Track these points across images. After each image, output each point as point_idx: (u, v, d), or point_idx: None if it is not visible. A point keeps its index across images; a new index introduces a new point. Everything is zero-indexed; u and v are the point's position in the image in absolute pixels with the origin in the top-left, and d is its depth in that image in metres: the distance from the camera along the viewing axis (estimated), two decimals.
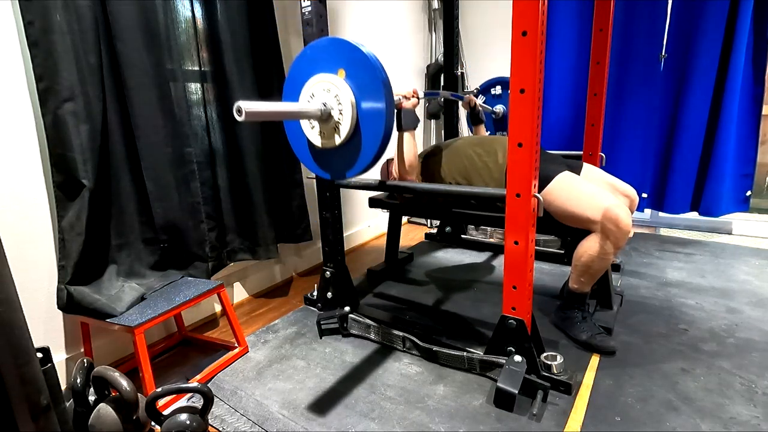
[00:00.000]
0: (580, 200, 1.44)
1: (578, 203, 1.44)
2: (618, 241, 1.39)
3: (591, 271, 1.48)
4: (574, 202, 1.45)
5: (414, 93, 1.67)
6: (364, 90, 1.19)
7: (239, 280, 2.10)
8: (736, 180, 2.48)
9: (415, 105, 1.67)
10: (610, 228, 1.38)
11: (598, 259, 1.43)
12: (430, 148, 1.91)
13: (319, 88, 1.24)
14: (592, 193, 1.46)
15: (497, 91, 2.43)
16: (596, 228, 1.41)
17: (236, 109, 1.01)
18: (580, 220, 1.44)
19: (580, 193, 1.47)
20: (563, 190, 1.48)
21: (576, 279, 1.54)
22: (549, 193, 1.48)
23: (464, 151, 1.71)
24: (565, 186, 1.49)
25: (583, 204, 1.43)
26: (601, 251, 1.41)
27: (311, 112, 1.23)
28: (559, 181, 1.49)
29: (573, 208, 1.45)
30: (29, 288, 1.38)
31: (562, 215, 1.48)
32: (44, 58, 1.29)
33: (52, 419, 0.77)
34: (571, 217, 1.46)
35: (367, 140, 1.23)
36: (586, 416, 1.22)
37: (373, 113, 1.19)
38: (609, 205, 1.39)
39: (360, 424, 1.23)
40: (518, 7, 1.09)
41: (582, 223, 1.44)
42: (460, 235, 2.74)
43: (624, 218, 1.36)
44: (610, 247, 1.40)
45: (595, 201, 1.42)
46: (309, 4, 1.56)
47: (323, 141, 1.30)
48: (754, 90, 2.34)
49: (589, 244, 1.44)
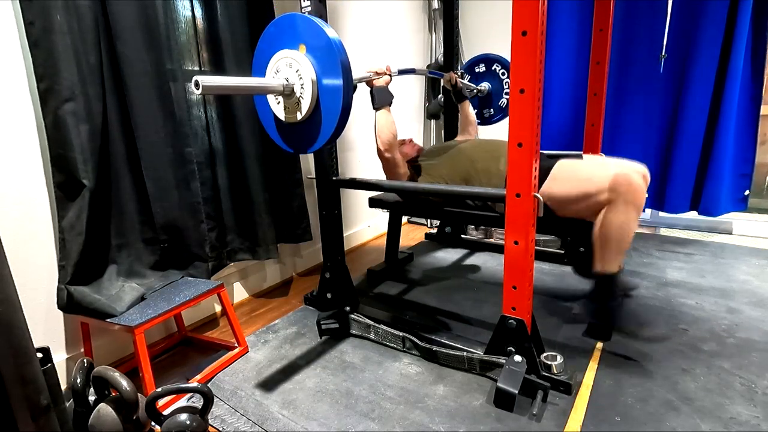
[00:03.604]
0: (584, 176, 1.39)
1: (583, 180, 1.39)
2: (636, 199, 1.32)
3: (622, 245, 1.38)
4: (579, 181, 1.39)
5: (387, 69, 1.64)
6: (323, 65, 1.21)
7: (239, 280, 2.10)
8: (734, 179, 2.48)
9: (387, 82, 1.64)
10: (624, 190, 1.31)
11: (626, 226, 1.35)
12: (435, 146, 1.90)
13: (283, 64, 1.27)
14: (595, 166, 1.40)
15: (481, 69, 2.43)
16: (610, 196, 1.34)
17: (194, 82, 1.06)
18: (589, 196, 1.37)
19: (583, 169, 1.42)
20: (564, 173, 1.43)
21: (606, 258, 1.42)
22: (551, 182, 1.43)
23: (469, 153, 1.70)
24: (566, 169, 1.44)
25: (589, 178, 1.37)
26: (625, 218, 1.33)
27: (273, 87, 1.27)
28: (558, 167, 1.45)
29: (579, 186, 1.39)
30: (29, 288, 1.38)
31: (570, 200, 1.41)
32: (45, 58, 1.29)
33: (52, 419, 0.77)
34: (580, 196, 1.39)
35: (327, 116, 1.25)
36: (586, 416, 1.22)
37: (331, 89, 1.21)
38: (616, 171, 1.33)
39: (360, 424, 1.23)
40: (518, 7, 1.09)
41: (593, 198, 1.37)
42: (460, 235, 2.74)
43: (634, 176, 1.31)
44: (632, 210, 1.33)
45: (600, 170, 1.37)
46: (309, 4, 1.56)
47: (287, 115, 1.32)
48: (753, 90, 2.34)
49: (610, 216, 1.35)
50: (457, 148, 1.76)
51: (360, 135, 2.76)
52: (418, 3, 3.21)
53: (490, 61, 2.37)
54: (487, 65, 2.39)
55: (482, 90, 2.42)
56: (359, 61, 2.61)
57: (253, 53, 1.36)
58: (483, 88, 2.41)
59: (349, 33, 2.59)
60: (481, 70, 2.42)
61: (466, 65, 2.50)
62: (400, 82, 3.08)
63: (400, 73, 1.71)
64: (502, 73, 2.34)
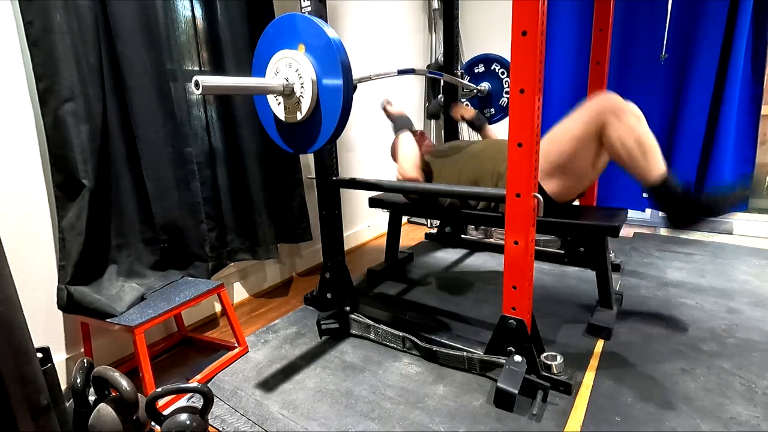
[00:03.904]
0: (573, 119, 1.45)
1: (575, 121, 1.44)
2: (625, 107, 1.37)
3: (644, 146, 1.36)
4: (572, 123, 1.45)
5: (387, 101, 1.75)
6: (323, 65, 1.21)
7: (239, 280, 2.10)
8: (734, 180, 2.48)
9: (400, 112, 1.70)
10: (609, 106, 1.38)
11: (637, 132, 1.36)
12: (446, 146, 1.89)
13: (283, 64, 1.27)
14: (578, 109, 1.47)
15: (481, 69, 2.43)
16: (602, 119, 1.38)
17: (194, 82, 1.07)
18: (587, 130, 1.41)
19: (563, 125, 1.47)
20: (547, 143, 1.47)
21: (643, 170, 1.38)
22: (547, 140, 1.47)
23: (482, 153, 1.69)
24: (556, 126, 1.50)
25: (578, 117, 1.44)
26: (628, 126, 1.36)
27: (273, 87, 1.27)
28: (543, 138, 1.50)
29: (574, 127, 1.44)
30: (29, 288, 1.38)
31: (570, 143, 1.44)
32: (44, 58, 1.29)
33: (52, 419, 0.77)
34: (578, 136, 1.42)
35: (327, 116, 1.25)
36: (586, 416, 1.22)
37: (331, 89, 1.21)
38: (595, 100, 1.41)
39: (360, 424, 1.23)
40: (518, 7, 1.09)
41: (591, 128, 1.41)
42: (460, 235, 2.74)
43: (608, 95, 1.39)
44: (628, 117, 1.36)
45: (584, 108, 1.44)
46: (309, 4, 1.56)
47: (287, 115, 1.32)
48: (753, 90, 2.34)
49: (615, 132, 1.37)
50: (467, 150, 1.76)
51: (360, 135, 2.76)
52: (418, 3, 3.21)
53: (490, 61, 2.37)
54: (487, 65, 2.39)
55: (482, 90, 2.42)
56: (359, 61, 2.61)
57: (253, 53, 1.37)
58: (483, 88, 2.42)
59: (349, 33, 2.59)
60: (480, 70, 2.42)
61: (466, 65, 2.50)
62: (400, 82, 3.08)
63: (400, 73, 1.72)
64: (502, 73, 2.35)
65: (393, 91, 3.00)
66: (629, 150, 1.37)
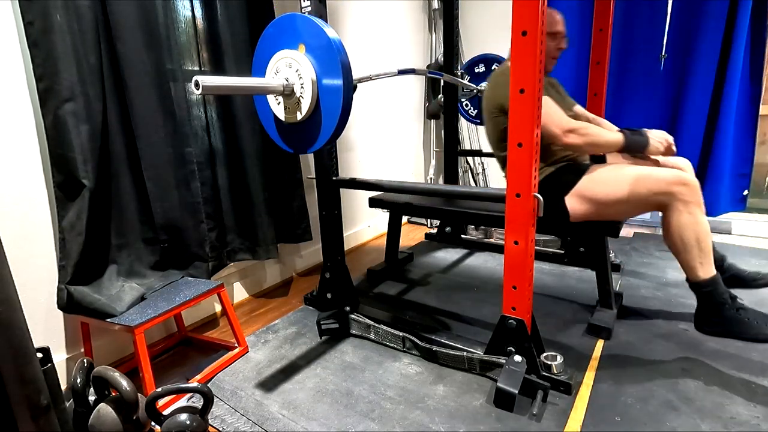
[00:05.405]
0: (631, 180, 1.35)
1: (633, 183, 1.34)
2: (696, 196, 1.30)
3: (702, 244, 1.32)
4: (628, 184, 1.35)
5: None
6: (323, 65, 1.21)
7: (239, 280, 2.10)
8: (733, 179, 2.49)
9: None
10: (681, 190, 1.29)
11: (699, 227, 1.31)
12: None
13: (283, 64, 1.27)
14: (641, 168, 1.36)
15: (481, 69, 2.42)
16: (668, 199, 1.31)
17: (194, 82, 1.07)
18: (641, 198, 1.34)
19: (630, 172, 1.36)
20: (604, 174, 1.39)
21: (695, 266, 1.33)
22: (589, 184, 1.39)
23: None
24: (606, 171, 1.39)
25: (641, 181, 1.33)
26: (693, 217, 1.30)
27: (273, 87, 1.27)
28: (596, 170, 1.40)
29: (630, 189, 1.34)
30: (29, 288, 1.37)
31: (613, 202, 1.37)
32: (44, 59, 1.29)
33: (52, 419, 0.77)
34: (630, 199, 1.35)
35: (327, 116, 1.25)
36: (586, 416, 1.22)
37: (331, 89, 1.21)
38: (665, 172, 1.31)
39: (360, 424, 1.23)
40: (518, 7, 1.09)
41: (646, 200, 1.34)
42: (460, 235, 2.74)
43: (687, 175, 1.30)
44: (695, 208, 1.30)
45: (651, 173, 1.33)
46: (309, 4, 1.56)
47: (287, 115, 1.32)
48: (752, 90, 2.34)
49: (677, 220, 1.31)
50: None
51: (360, 135, 2.76)
52: (418, 3, 3.21)
53: (490, 61, 2.37)
54: (487, 65, 2.39)
55: (482, 90, 2.42)
56: (359, 61, 2.61)
57: (253, 53, 1.37)
58: (483, 88, 2.42)
59: (349, 33, 2.59)
60: (481, 70, 2.43)
61: (466, 65, 2.50)
62: (400, 82, 3.09)
63: (400, 73, 1.72)
64: None
65: (393, 91, 3.00)
66: (686, 243, 1.32)
